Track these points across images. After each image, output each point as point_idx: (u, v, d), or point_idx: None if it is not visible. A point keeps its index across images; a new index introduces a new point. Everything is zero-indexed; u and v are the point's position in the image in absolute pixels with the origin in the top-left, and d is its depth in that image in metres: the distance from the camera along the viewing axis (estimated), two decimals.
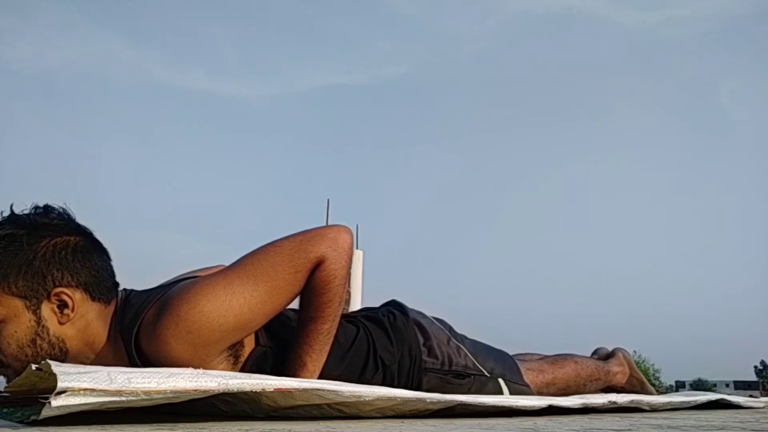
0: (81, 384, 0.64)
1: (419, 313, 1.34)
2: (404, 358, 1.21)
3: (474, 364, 1.29)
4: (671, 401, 1.33)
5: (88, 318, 0.98)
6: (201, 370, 0.78)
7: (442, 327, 1.33)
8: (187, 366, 0.90)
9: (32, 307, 0.93)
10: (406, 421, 0.90)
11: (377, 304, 1.39)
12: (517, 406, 1.02)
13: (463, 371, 1.26)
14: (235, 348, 1.03)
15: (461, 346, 1.31)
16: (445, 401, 0.96)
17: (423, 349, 1.24)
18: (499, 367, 1.33)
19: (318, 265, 1.04)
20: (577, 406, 1.11)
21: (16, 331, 0.92)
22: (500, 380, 1.30)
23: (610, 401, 1.18)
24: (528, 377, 1.41)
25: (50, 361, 0.67)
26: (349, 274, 1.08)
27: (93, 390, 0.64)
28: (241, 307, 0.97)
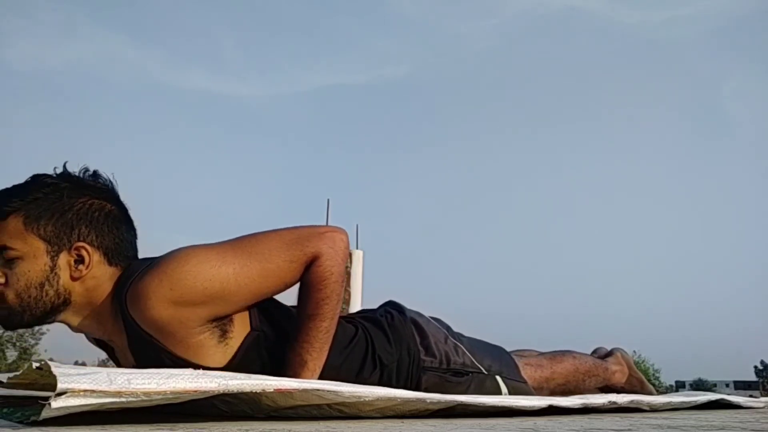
0: (81, 385, 0.64)
1: (417, 312, 1.34)
2: (402, 357, 1.21)
3: (472, 361, 1.29)
4: (671, 401, 1.33)
5: (99, 280, 1.01)
6: (201, 371, 0.78)
7: (439, 326, 1.34)
8: (167, 330, 0.95)
9: (51, 253, 0.98)
10: (406, 421, 0.90)
11: (377, 304, 1.39)
12: (517, 406, 1.02)
13: (461, 369, 1.27)
14: (222, 323, 1.01)
15: (459, 344, 1.31)
16: (445, 401, 0.96)
17: (421, 348, 1.24)
18: (497, 364, 1.34)
19: (314, 260, 1.05)
20: (577, 406, 1.11)
21: (29, 270, 0.97)
22: (498, 377, 1.31)
23: (610, 401, 1.18)
24: (526, 372, 1.41)
25: (50, 362, 0.67)
26: (347, 274, 1.09)
27: (93, 391, 0.64)
28: (229, 276, 0.97)
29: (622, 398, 1.23)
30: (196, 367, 0.93)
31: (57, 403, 0.62)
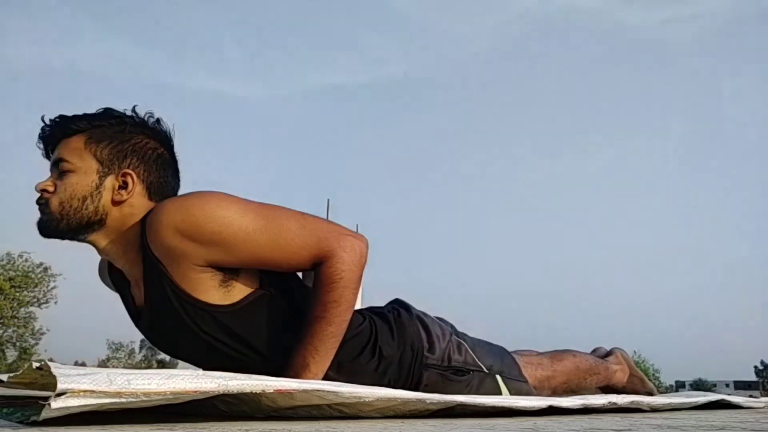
0: (81, 386, 0.64)
1: (422, 312, 1.35)
2: (406, 352, 1.22)
3: (474, 360, 1.30)
4: (671, 402, 1.33)
5: (135, 209, 1.09)
6: (201, 372, 0.78)
7: (443, 325, 1.35)
8: (171, 258, 1.01)
9: (101, 174, 1.07)
10: (406, 421, 0.90)
11: (377, 305, 1.40)
12: (517, 406, 1.02)
13: (463, 367, 1.27)
14: (224, 271, 1.05)
15: (462, 343, 1.32)
16: (445, 402, 0.96)
17: (425, 345, 1.25)
18: (498, 363, 1.34)
19: (325, 259, 1.06)
20: (577, 407, 1.11)
21: (77, 183, 1.06)
22: (498, 377, 1.31)
23: (610, 402, 1.18)
24: (527, 371, 1.41)
25: (50, 363, 0.67)
26: (358, 284, 1.09)
27: (93, 392, 0.64)
28: (239, 232, 1.01)
29: (622, 398, 1.22)
30: (195, 301, 1.03)
31: (57, 404, 0.62)
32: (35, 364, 0.70)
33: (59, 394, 0.63)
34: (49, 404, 0.62)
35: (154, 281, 1.05)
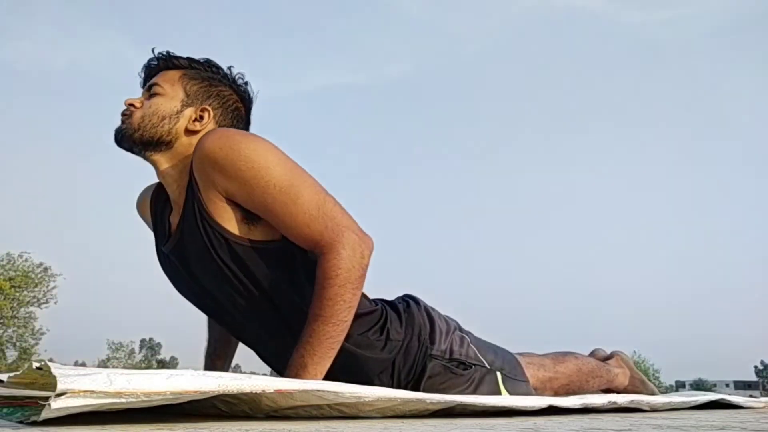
0: (81, 386, 0.64)
1: (431, 306, 1.37)
2: (412, 341, 1.24)
3: (476, 354, 1.31)
4: (671, 401, 1.33)
5: None
6: (201, 371, 0.77)
7: (449, 320, 1.37)
8: (203, 180, 1.09)
9: (184, 103, 1.20)
10: (406, 421, 0.90)
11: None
12: (517, 406, 1.02)
13: (465, 360, 1.28)
14: (251, 215, 1.11)
15: (465, 337, 1.34)
16: (445, 402, 0.96)
17: (430, 336, 1.27)
18: (499, 360, 1.35)
19: (325, 251, 1.07)
20: (577, 406, 1.11)
21: (161, 104, 1.18)
22: (498, 374, 1.32)
23: (610, 401, 1.18)
24: (529, 371, 1.42)
25: (50, 363, 0.67)
26: (358, 284, 1.08)
27: (93, 392, 0.64)
28: (262, 179, 1.06)
29: (622, 398, 1.23)
30: (215, 224, 1.10)
31: (57, 404, 0.62)
32: (35, 365, 0.70)
33: (59, 395, 0.63)
34: (49, 404, 0.62)
35: (190, 203, 1.13)
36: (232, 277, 1.13)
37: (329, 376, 1.05)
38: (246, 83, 1.29)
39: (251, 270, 1.12)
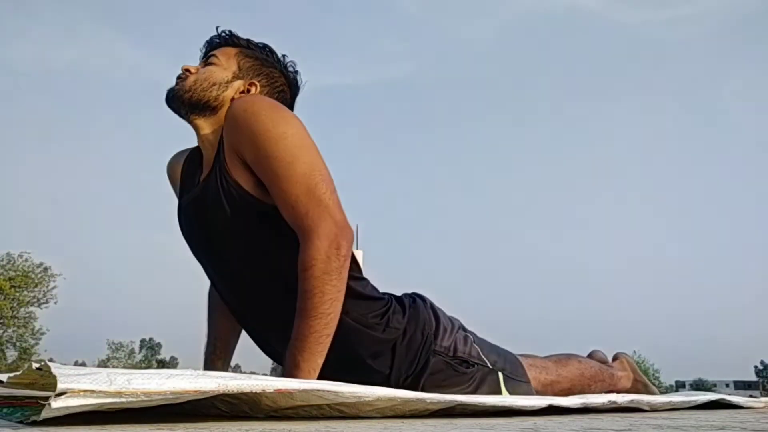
0: (80, 386, 0.64)
1: (437, 305, 1.37)
2: (416, 333, 1.24)
3: (478, 354, 1.32)
4: (671, 401, 1.33)
5: None
6: (201, 371, 0.78)
7: (453, 319, 1.37)
8: (228, 142, 1.15)
9: (235, 75, 1.28)
10: (406, 421, 0.90)
11: None
12: (516, 406, 1.02)
13: (468, 359, 1.29)
14: (262, 183, 1.14)
15: (469, 336, 1.34)
16: (445, 402, 0.96)
17: (435, 333, 1.27)
18: (501, 361, 1.35)
19: (302, 239, 1.08)
20: (576, 406, 1.11)
21: (214, 72, 1.27)
22: (499, 374, 1.32)
23: (609, 401, 1.18)
24: (531, 373, 1.41)
25: (50, 363, 0.67)
26: (337, 276, 1.07)
27: (93, 391, 0.64)
28: (269, 147, 1.10)
29: (622, 398, 1.23)
30: (232, 180, 1.14)
31: (57, 404, 0.62)
32: (35, 365, 0.70)
33: (59, 394, 0.63)
34: (49, 404, 0.62)
35: (216, 162, 1.19)
36: (244, 234, 1.16)
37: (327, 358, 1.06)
38: (296, 72, 1.37)
39: (259, 232, 1.15)
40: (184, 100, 1.24)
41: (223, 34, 1.33)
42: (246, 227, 1.15)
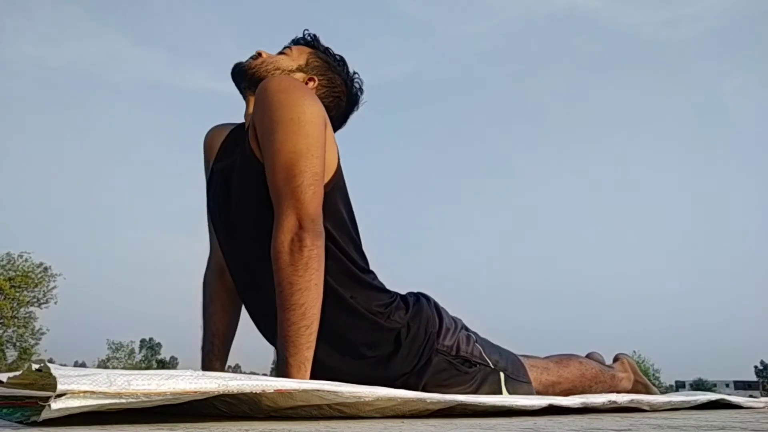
0: (80, 387, 0.63)
1: (441, 306, 1.38)
2: (419, 330, 1.25)
3: (481, 353, 1.32)
4: (671, 401, 1.33)
5: None
6: (200, 372, 0.77)
7: (456, 319, 1.38)
8: (254, 111, 1.17)
9: (300, 67, 1.37)
10: (406, 421, 0.90)
11: None
12: (516, 406, 1.02)
13: (470, 358, 1.29)
14: None
15: (471, 336, 1.35)
16: (445, 401, 0.96)
17: (438, 331, 1.28)
18: (503, 361, 1.36)
19: (274, 228, 1.09)
20: (576, 406, 1.11)
21: (283, 59, 1.37)
22: (501, 374, 1.32)
23: (609, 401, 1.18)
24: (532, 374, 1.42)
25: (50, 364, 0.67)
26: (305, 267, 1.06)
27: (92, 392, 0.64)
28: (274, 128, 1.11)
29: (622, 398, 1.22)
30: (253, 154, 1.17)
31: (57, 405, 0.62)
32: (35, 366, 0.70)
33: (59, 395, 0.63)
34: (49, 405, 0.62)
35: (246, 133, 1.22)
36: (251, 207, 1.19)
37: (330, 339, 1.08)
38: (360, 90, 1.45)
39: (266, 208, 1.15)
40: (247, 75, 1.32)
41: (307, 36, 1.43)
42: (256, 199, 1.17)
